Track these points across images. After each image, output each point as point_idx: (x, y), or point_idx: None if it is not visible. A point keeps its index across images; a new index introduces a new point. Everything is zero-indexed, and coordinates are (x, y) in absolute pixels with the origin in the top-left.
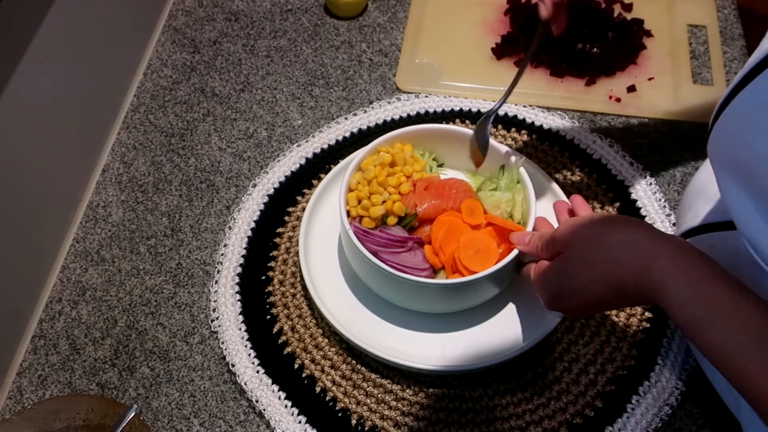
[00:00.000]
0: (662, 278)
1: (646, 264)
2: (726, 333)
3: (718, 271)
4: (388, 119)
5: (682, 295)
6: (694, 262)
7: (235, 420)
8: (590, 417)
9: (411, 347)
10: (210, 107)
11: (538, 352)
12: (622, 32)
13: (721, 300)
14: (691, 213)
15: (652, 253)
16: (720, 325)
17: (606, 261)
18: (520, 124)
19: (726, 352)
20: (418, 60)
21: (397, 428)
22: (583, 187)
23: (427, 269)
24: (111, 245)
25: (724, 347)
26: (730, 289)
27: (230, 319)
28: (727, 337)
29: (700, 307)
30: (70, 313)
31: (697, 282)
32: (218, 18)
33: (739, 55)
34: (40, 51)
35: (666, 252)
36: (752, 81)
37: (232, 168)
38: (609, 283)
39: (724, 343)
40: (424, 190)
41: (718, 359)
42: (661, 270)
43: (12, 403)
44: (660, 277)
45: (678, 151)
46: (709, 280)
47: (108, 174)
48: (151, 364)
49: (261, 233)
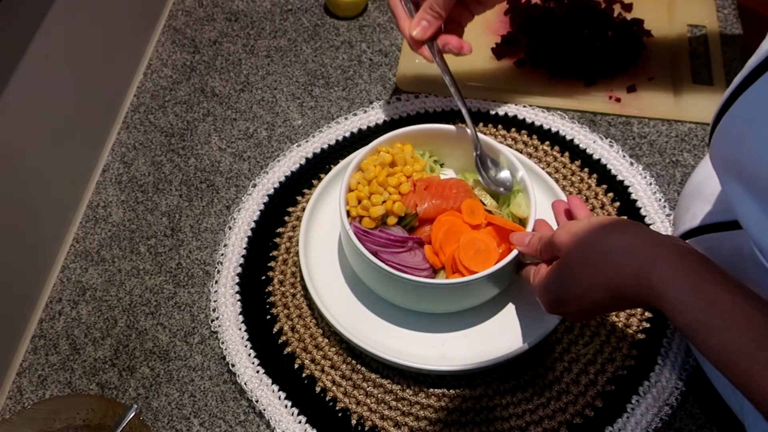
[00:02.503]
0: (661, 284)
1: (644, 270)
2: (727, 335)
3: (717, 274)
4: (388, 119)
5: (682, 299)
6: (692, 266)
7: (235, 420)
8: (590, 417)
9: (411, 347)
10: (210, 107)
11: (538, 352)
12: (622, 32)
13: (721, 302)
14: (689, 214)
15: (650, 259)
16: (721, 327)
17: (604, 266)
18: (520, 124)
19: (728, 354)
20: (418, 60)
21: (397, 428)
22: (583, 187)
23: (427, 269)
24: (111, 245)
25: (727, 350)
26: (730, 291)
27: (230, 319)
28: (728, 340)
29: (701, 311)
30: (70, 313)
31: (697, 285)
32: (218, 18)
33: (739, 55)
34: (40, 51)
35: (664, 257)
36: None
37: (232, 168)
38: (608, 288)
39: (726, 345)
40: (424, 190)
41: (721, 362)
42: (660, 276)
43: (12, 403)
44: (658, 282)
45: (678, 151)
46: (709, 282)
47: (108, 174)
48: (151, 364)
49: (261, 233)
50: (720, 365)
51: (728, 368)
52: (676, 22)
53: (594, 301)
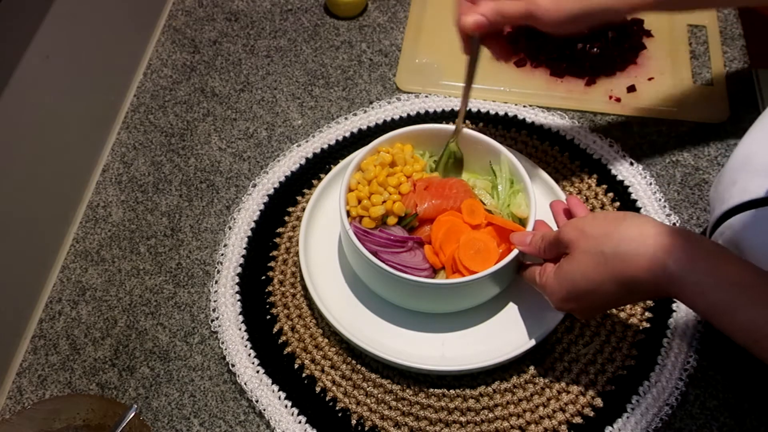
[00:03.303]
0: (679, 269)
1: (659, 258)
2: (754, 311)
3: (733, 256)
4: (388, 119)
5: (703, 281)
6: (708, 249)
7: (235, 420)
8: (590, 417)
9: (411, 347)
10: (210, 107)
11: (538, 352)
12: (622, 32)
13: (742, 280)
14: (736, 188)
15: (664, 247)
16: (746, 304)
17: (616, 258)
18: (520, 124)
19: (757, 330)
20: (418, 60)
21: (397, 428)
22: (584, 187)
23: (427, 269)
24: (111, 245)
25: (755, 325)
26: (750, 270)
27: (230, 319)
28: (756, 315)
29: (724, 291)
30: (70, 313)
31: (716, 267)
32: (218, 18)
33: (739, 55)
34: (40, 51)
35: (677, 244)
36: None
37: (232, 168)
38: (621, 280)
39: (754, 321)
40: (424, 190)
41: (750, 339)
42: (676, 261)
43: (12, 403)
44: (676, 267)
45: (678, 151)
46: (728, 263)
47: (108, 174)
48: (151, 364)
49: (261, 233)
50: (749, 342)
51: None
52: (676, 22)
53: (606, 296)
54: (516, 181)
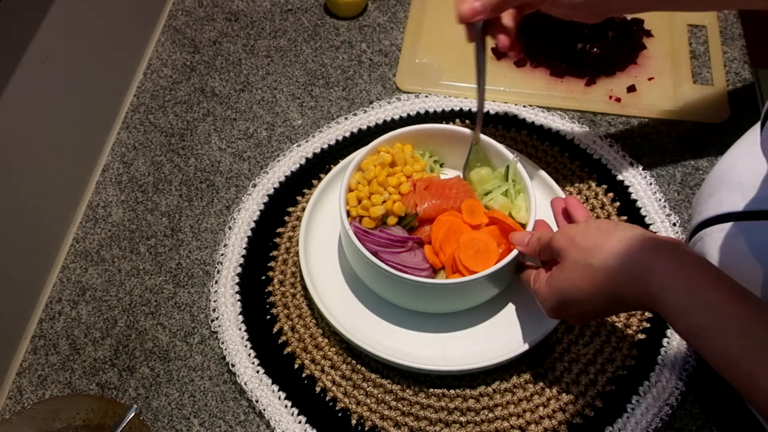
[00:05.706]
0: (660, 289)
1: (642, 276)
2: (728, 338)
3: (716, 277)
4: (388, 119)
5: (682, 303)
6: (691, 269)
7: (235, 420)
8: (590, 417)
9: (411, 347)
10: (210, 107)
11: (538, 352)
12: (622, 32)
13: (721, 305)
14: (713, 200)
15: (647, 265)
16: (722, 330)
17: (603, 272)
18: (520, 124)
19: (730, 357)
20: (418, 60)
21: (397, 428)
22: (584, 187)
23: (427, 269)
24: (111, 245)
25: (729, 353)
26: (731, 294)
27: (230, 319)
28: (730, 343)
29: (701, 314)
30: (70, 313)
31: (696, 289)
32: (218, 18)
33: (739, 55)
34: (40, 51)
35: (661, 262)
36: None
37: (232, 168)
38: (607, 293)
39: (728, 348)
40: (424, 190)
41: (723, 366)
42: (658, 282)
43: (12, 403)
44: (657, 288)
45: (678, 151)
46: (708, 286)
47: (108, 174)
48: (151, 364)
49: (261, 233)
50: (721, 369)
51: (729, 371)
52: (676, 22)
53: (595, 306)
54: (517, 180)
